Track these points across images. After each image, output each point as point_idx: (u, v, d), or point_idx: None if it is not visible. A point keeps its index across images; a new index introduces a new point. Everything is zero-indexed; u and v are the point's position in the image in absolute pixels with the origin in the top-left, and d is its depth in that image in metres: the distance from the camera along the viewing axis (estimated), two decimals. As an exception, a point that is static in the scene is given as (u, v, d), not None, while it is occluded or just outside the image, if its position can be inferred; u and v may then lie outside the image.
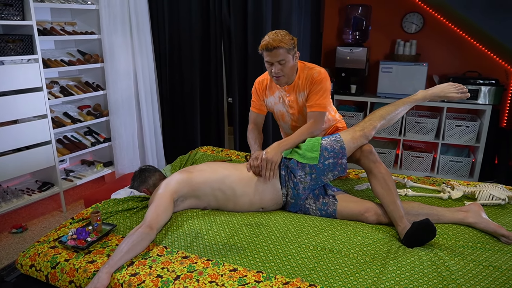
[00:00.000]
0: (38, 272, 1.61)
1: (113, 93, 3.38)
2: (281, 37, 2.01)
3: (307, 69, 2.17)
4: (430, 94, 2.11)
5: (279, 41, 2.00)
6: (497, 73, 3.62)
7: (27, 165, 2.90)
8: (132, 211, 1.96)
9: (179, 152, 3.58)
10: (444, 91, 2.09)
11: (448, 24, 3.67)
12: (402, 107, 2.09)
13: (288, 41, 2.02)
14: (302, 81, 2.16)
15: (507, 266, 1.52)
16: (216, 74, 3.66)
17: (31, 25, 2.78)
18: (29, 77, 2.82)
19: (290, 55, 2.06)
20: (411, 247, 1.67)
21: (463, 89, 2.07)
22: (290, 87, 2.19)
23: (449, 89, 2.08)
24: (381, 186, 1.86)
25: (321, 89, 2.13)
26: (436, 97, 2.10)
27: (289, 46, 2.03)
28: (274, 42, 2.00)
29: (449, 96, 2.08)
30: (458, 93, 2.06)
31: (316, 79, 2.13)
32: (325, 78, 2.14)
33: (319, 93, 2.13)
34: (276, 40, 2.00)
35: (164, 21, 3.63)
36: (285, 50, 2.03)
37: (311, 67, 2.18)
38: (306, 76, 2.15)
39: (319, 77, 2.13)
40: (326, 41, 4.10)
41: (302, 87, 2.17)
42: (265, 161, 1.94)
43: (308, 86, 2.15)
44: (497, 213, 1.95)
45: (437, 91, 2.10)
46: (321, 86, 2.13)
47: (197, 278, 1.46)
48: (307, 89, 2.16)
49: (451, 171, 3.69)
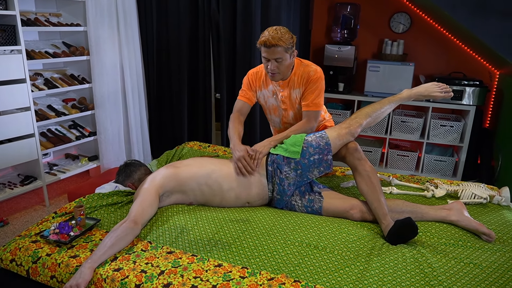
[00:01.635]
0: (18, 267, 1.59)
1: (99, 86, 3.33)
2: (281, 35, 2.00)
3: (303, 66, 2.18)
4: (414, 93, 2.13)
5: (278, 39, 1.98)
6: (481, 74, 3.68)
7: (9, 158, 2.84)
8: (116, 206, 1.93)
9: (166, 147, 3.56)
10: (428, 90, 2.12)
11: (434, 25, 3.72)
12: (388, 105, 2.11)
13: (287, 40, 2.01)
14: (298, 78, 2.17)
15: (487, 264, 1.55)
16: (204, 69, 3.64)
17: (14, 15, 2.72)
18: (12, 68, 2.75)
19: (288, 53, 2.06)
20: (395, 244, 1.69)
21: (446, 88, 2.10)
22: (285, 82, 2.19)
23: (433, 89, 2.11)
24: (365, 183, 1.88)
25: (317, 88, 2.14)
26: (420, 96, 2.13)
27: (288, 45, 2.02)
28: (273, 39, 1.98)
29: (433, 95, 2.11)
30: (441, 93, 2.09)
31: (312, 77, 2.14)
32: (320, 77, 2.15)
33: (315, 92, 2.14)
34: (275, 38, 1.99)
35: (152, 15, 3.59)
36: (283, 49, 2.02)
37: (307, 64, 2.19)
38: (302, 74, 2.16)
39: (315, 76, 2.14)
40: (315, 39, 4.11)
41: (297, 84, 2.17)
42: (253, 151, 1.98)
43: (304, 84, 2.16)
44: (479, 212, 1.99)
45: (421, 90, 2.13)
46: (317, 85, 2.14)
47: (182, 273, 1.45)
48: (303, 86, 2.16)
49: (435, 170, 3.74)
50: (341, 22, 3.79)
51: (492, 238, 1.72)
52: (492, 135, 3.60)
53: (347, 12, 3.77)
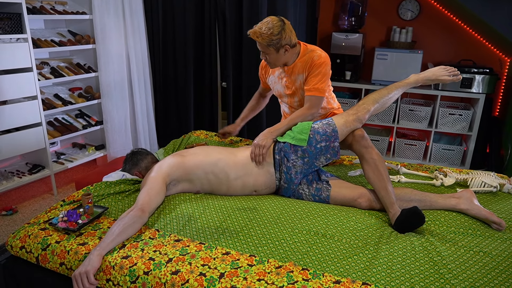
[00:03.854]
0: (28, 254, 1.60)
1: (105, 75, 3.33)
2: (265, 30, 1.99)
3: (309, 51, 2.15)
4: (422, 77, 2.09)
5: (258, 35, 2.00)
6: (492, 62, 3.62)
7: (17, 147, 2.86)
8: (124, 194, 1.94)
9: (172, 136, 3.55)
10: (436, 75, 2.08)
11: (444, 11, 3.65)
12: (395, 91, 2.07)
13: (267, 37, 1.99)
14: (302, 63, 2.15)
15: (497, 252, 1.54)
16: (210, 58, 3.61)
17: (19, 3, 2.71)
18: (18, 57, 2.75)
19: (272, 48, 2.04)
20: (402, 233, 1.68)
21: (454, 71, 2.05)
22: (290, 68, 2.18)
23: (441, 72, 2.07)
24: (372, 171, 1.87)
25: (320, 73, 2.11)
26: (428, 80, 2.09)
27: (268, 42, 2.01)
28: (253, 34, 2.02)
29: (441, 79, 2.06)
30: (450, 76, 2.05)
31: (315, 62, 2.11)
32: (325, 62, 2.12)
33: (318, 77, 2.11)
34: (256, 33, 2.01)
35: (157, 3, 3.56)
36: (263, 45, 2.04)
37: (312, 49, 2.16)
38: (306, 59, 2.13)
39: (318, 60, 2.11)
40: (322, 27, 4.06)
41: (301, 69, 2.15)
42: (254, 146, 1.96)
43: (308, 68, 2.13)
44: (489, 200, 1.97)
45: (429, 75, 2.09)
46: (320, 70, 2.11)
47: (190, 261, 1.46)
48: (306, 71, 2.14)
49: (443, 159, 3.71)
50: (349, 10, 3.74)
51: (502, 227, 1.70)
52: (501, 124, 3.56)
53: (355, -1, 3.72)
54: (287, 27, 2.04)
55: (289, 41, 2.06)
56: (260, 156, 1.94)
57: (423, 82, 2.10)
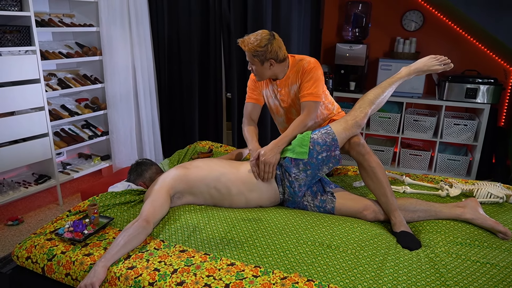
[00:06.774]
0: (34, 264, 1.60)
1: (111, 86, 3.36)
2: (252, 40, 2.01)
3: (298, 61, 2.16)
4: (413, 69, 2.08)
5: (246, 44, 2.02)
6: (496, 72, 3.62)
7: (24, 157, 2.88)
8: (129, 205, 1.95)
9: (177, 147, 3.57)
10: (427, 65, 2.06)
11: (448, 22, 3.67)
12: (389, 88, 2.06)
13: (253, 47, 2.00)
14: (294, 74, 2.15)
15: (504, 264, 1.52)
16: (215, 69, 3.64)
17: (28, 16, 2.76)
18: (27, 68, 2.79)
19: (257, 60, 2.05)
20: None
21: (445, 60, 2.04)
22: (282, 81, 2.18)
23: (432, 62, 2.06)
24: (370, 179, 1.87)
25: (312, 78, 2.10)
26: (420, 71, 2.08)
27: (252, 52, 2.02)
28: (241, 42, 2.04)
29: (432, 69, 2.05)
30: (441, 65, 2.04)
31: (306, 68, 2.11)
32: (315, 67, 2.11)
33: (310, 82, 2.10)
34: (244, 42, 2.03)
35: (163, 15, 3.61)
36: (249, 55, 2.06)
37: (300, 58, 2.16)
38: (297, 69, 2.14)
39: (309, 66, 2.11)
40: (326, 38, 4.09)
41: (294, 79, 2.16)
42: (263, 164, 1.93)
43: (300, 76, 2.14)
44: (495, 211, 1.96)
45: (420, 66, 2.08)
46: (311, 75, 2.10)
47: (195, 272, 1.45)
48: (299, 79, 2.15)
49: (449, 169, 3.69)
50: (352, 21, 3.77)
51: (508, 236, 1.69)
52: (507, 134, 3.54)
53: (359, 10, 3.75)
54: (275, 42, 2.04)
55: (275, 56, 2.05)
56: (269, 174, 1.93)
57: (416, 74, 2.09)
